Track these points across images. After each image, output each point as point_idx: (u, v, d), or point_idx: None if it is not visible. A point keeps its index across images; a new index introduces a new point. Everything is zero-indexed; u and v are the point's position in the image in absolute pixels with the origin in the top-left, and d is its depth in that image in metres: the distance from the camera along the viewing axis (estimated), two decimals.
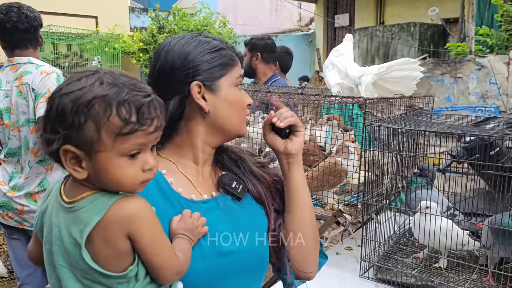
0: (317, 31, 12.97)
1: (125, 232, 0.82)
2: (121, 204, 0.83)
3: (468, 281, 1.66)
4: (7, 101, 2.43)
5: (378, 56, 9.14)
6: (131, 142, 0.82)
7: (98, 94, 0.80)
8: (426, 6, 9.33)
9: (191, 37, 1.11)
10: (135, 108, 0.81)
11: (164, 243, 0.88)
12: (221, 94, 1.10)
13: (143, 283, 0.87)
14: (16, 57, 2.46)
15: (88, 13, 10.47)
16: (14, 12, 2.43)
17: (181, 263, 0.90)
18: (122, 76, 0.85)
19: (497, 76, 5.12)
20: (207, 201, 1.10)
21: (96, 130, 0.80)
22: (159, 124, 0.86)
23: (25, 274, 2.68)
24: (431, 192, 1.90)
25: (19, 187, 2.46)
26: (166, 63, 1.07)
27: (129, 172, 0.83)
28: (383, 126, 1.69)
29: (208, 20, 11.03)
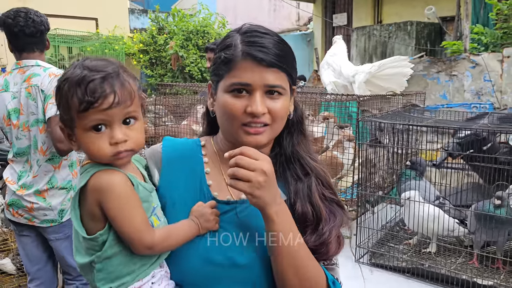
0: (315, 30, 13.06)
1: (96, 200, 0.92)
2: (97, 175, 0.93)
3: (455, 263, 1.78)
4: (15, 102, 2.52)
5: (376, 55, 9.22)
6: (90, 117, 0.91)
7: (67, 78, 0.92)
8: (423, 4, 9.40)
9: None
10: (86, 85, 0.90)
11: (133, 217, 0.93)
12: (218, 96, 1.06)
13: (112, 250, 0.95)
14: (24, 60, 2.55)
15: (88, 15, 10.57)
16: (21, 17, 2.53)
17: (153, 240, 0.95)
18: (95, 60, 0.95)
19: (491, 73, 5.22)
20: (229, 202, 1.08)
21: (67, 109, 0.92)
22: (117, 101, 0.91)
23: (35, 269, 2.77)
24: (421, 183, 2.02)
25: (28, 185, 2.55)
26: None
27: (97, 145, 0.92)
28: (374, 121, 1.81)
29: (207, 21, 11.10)
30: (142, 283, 0.98)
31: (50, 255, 2.79)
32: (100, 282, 0.96)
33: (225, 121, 1.05)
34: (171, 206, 1.08)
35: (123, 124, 0.95)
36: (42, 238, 2.70)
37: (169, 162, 1.12)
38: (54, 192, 2.55)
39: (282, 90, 1.04)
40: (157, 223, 1.01)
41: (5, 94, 2.53)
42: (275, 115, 1.03)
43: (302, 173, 1.10)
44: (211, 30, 10.89)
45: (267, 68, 1.01)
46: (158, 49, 10.78)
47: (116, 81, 0.92)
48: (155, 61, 10.86)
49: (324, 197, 1.09)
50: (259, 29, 1.05)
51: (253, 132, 1.01)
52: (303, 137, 1.15)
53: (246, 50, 1.01)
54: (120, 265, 0.96)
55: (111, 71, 0.93)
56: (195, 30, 10.65)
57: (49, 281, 2.83)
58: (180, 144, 1.17)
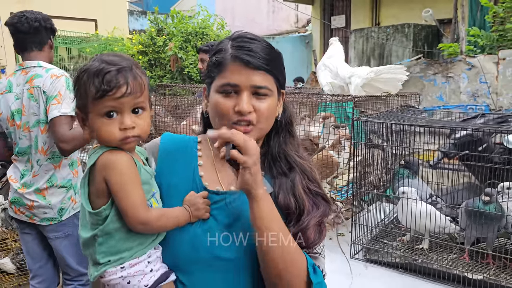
0: (314, 32, 13.13)
1: (102, 176, 1.03)
2: (105, 155, 1.05)
3: (447, 259, 1.83)
4: (18, 103, 2.56)
5: (374, 57, 9.29)
6: (103, 104, 1.03)
7: (87, 70, 1.04)
8: (420, 7, 9.48)
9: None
10: (103, 76, 1.01)
11: (131, 192, 1.03)
12: (211, 96, 1.15)
13: (114, 225, 1.05)
14: (26, 61, 2.60)
15: (88, 16, 10.63)
16: (17, 16, 2.61)
17: (147, 217, 1.04)
18: (111, 56, 1.07)
19: (487, 75, 5.29)
20: (218, 192, 1.15)
21: (84, 96, 1.04)
22: (129, 92, 1.03)
23: (37, 266, 2.82)
24: (414, 182, 2.07)
25: (29, 184, 2.59)
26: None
27: (107, 129, 1.04)
28: (369, 121, 1.86)
29: (206, 23, 11.14)
30: (138, 260, 1.07)
31: (50, 253, 2.84)
32: (100, 255, 1.06)
33: (216, 120, 1.12)
34: (166, 193, 1.17)
35: (132, 113, 1.06)
36: (43, 236, 2.75)
37: (165, 153, 1.21)
38: (53, 191, 2.60)
39: (269, 91, 1.12)
40: (155, 205, 1.11)
41: (8, 95, 2.58)
42: (260, 115, 1.10)
43: (287, 168, 1.17)
44: (210, 31, 10.92)
45: (254, 70, 1.09)
46: (157, 51, 10.80)
47: (129, 74, 1.04)
48: (154, 62, 10.88)
49: (309, 191, 1.16)
50: (248, 35, 1.14)
51: (242, 130, 1.07)
52: (291, 137, 1.22)
53: (235, 53, 1.10)
54: (120, 241, 1.06)
55: (126, 65, 1.05)
56: (194, 31, 10.68)
57: (51, 279, 2.88)
58: (178, 139, 1.26)
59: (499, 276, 1.79)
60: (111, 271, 1.06)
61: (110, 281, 1.07)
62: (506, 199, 1.80)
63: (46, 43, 2.66)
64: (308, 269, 1.10)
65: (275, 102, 1.15)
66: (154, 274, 1.08)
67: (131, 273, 1.06)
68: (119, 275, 1.06)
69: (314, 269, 1.11)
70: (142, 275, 1.07)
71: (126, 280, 1.06)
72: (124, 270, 1.06)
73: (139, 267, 1.07)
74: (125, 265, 1.06)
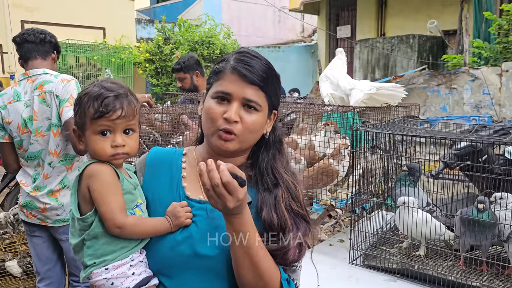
0: (319, 42, 13.23)
1: (86, 184, 1.17)
2: (90, 165, 1.19)
3: (442, 265, 1.88)
4: (29, 110, 2.64)
5: (378, 67, 9.35)
6: (99, 124, 1.18)
7: (87, 93, 1.19)
8: (426, 18, 9.53)
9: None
10: (102, 100, 1.17)
11: (109, 199, 1.15)
12: (206, 101, 1.22)
13: (98, 229, 1.16)
14: (30, 69, 2.70)
15: (96, 24, 10.78)
16: (25, 30, 2.81)
17: (123, 222, 1.15)
18: (110, 83, 1.22)
19: (490, 87, 5.32)
20: (201, 201, 1.22)
21: (83, 116, 1.19)
22: (123, 115, 1.18)
23: (45, 269, 2.88)
24: (413, 190, 2.13)
25: (41, 187, 2.67)
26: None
27: (100, 145, 1.19)
28: (367, 131, 1.93)
29: (212, 32, 11.26)
30: (121, 262, 1.18)
31: (59, 256, 2.91)
32: (87, 257, 1.17)
33: (206, 123, 1.20)
34: (152, 204, 1.26)
35: (124, 133, 1.21)
36: (53, 239, 2.82)
37: (152, 167, 1.30)
38: (66, 192, 2.68)
39: (258, 106, 1.18)
40: (139, 213, 1.21)
41: (18, 104, 2.65)
42: (245, 127, 1.16)
43: (272, 184, 1.21)
44: (216, 40, 11.04)
45: (248, 84, 1.16)
46: (164, 59, 10.93)
47: (124, 100, 1.20)
48: (160, 70, 11.01)
49: (291, 209, 1.20)
50: (251, 52, 1.21)
51: (224, 137, 1.15)
52: (280, 154, 1.28)
53: (235, 65, 1.18)
54: (105, 244, 1.17)
55: (122, 92, 1.21)
56: (200, 40, 10.80)
57: (58, 281, 2.94)
58: (164, 152, 1.35)
59: (493, 283, 1.83)
60: (96, 272, 1.16)
61: (95, 282, 1.17)
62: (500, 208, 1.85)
63: (50, 54, 2.79)
64: (282, 283, 1.15)
65: (263, 119, 1.21)
66: (136, 278, 1.17)
67: (114, 275, 1.16)
68: (103, 277, 1.16)
69: (288, 282, 1.17)
70: (124, 278, 1.17)
71: (109, 282, 1.17)
72: (108, 272, 1.16)
73: (121, 269, 1.17)
74: (109, 267, 1.16)
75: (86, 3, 10.63)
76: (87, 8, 10.60)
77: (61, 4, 10.24)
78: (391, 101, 2.50)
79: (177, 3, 16.27)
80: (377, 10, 11.45)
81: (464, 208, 2.25)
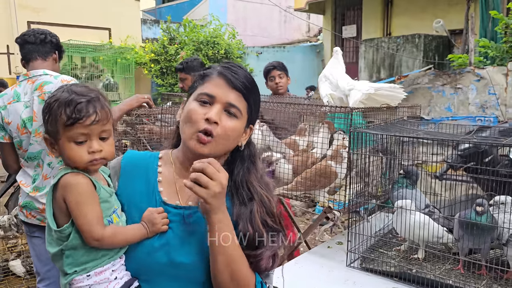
0: (325, 42, 13.19)
1: (62, 195, 1.13)
2: (65, 176, 1.15)
3: (441, 269, 1.86)
4: (29, 111, 2.65)
5: (384, 67, 9.30)
6: (73, 131, 1.13)
7: (57, 99, 1.14)
8: (432, 17, 9.46)
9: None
10: (74, 106, 1.12)
11: (86, 211, 1.12)
12: (187, 104, 1.23)
13: (76, 241, 1.13)
14: (31, 70, 2.71)
15: (102, 25, 10.82)
16: (27, 31, 2.83)
17: (102, 234, 1.12)
18: (80, 87, 1.18)
19: (495, 87, 5.27)
20: (177, 207, 1.22)
21: (55, 123, 1.14)
22: (97, 119, 1.14)
23: (45, 269, 2.88)
24: (412, 192, 2.10)
25: (41, 187, 2.68)
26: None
27: (76, 153, 1.15)
28: (365, 132, 1.90)
29: (217, 32, 11.28)
30: (103, 269, 1.16)
31: None
32: (67, 266, 1.15)
33: (185, 125, 1.20)
34: (127, 209, 1.25)
35: (99, 139, 1.17)
36: None
37: (126, 171, 1.29)
38: None
39: (239, 113, 1.21)
40: (116, 220, 1.19)
41: (17, 105, 2.66)
42: (223, 131, 1.18)
43: (247, 198, 1.22)
44: (221, 40, 11.06)
45: (232, 89, 1.20)
46: (169, 59, 10.96)
47: (97, 104, 1.16)
48: (165, 70, 11.04)
49: (266, 224, 1.21)
50: (237, 65, 1.27)
51: (201, 140, 1.16)
52: (254, 168, 1.29)
53: (221, 70, 1.22)
54: (85, 254, 1.15)
55: (94, 95, 1.17)
56: (205, 40, 10.83)
57: (58, 281, 2.94)
58: (139, 156, 1.34)
59: (491, 287, 1.81)
60: (78, 279, 1.14)
61: None
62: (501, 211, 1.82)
63: (50, 54, 2.80)
64: (256, 286, 1.17)
65: (240, 127, 1.23)
66: (118, 282, 1.16)
67: (97, 281, 1.15)
68: (85, 283, 1.15)
69: (261, 285, 1.19)
70: (107, 283, 1.15)
71: None
72: (90, 278, 1.15)
73: (104, 275, 1.15)
74: (90, 273, 1.15)
75: (92, 3, 10.67)
76: (93, 9, 10.65)
77: (67, 5, 10.28)
78: (391, 101, 2.48)
79: (182, 4, 16.30)
80: (383, 10, 11.39)
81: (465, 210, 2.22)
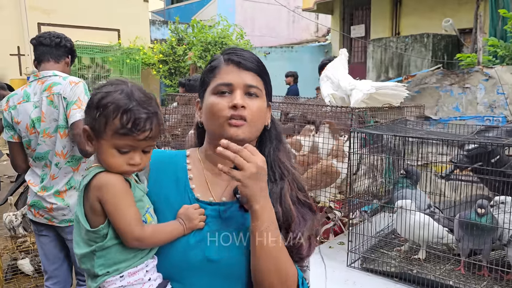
0: (333, 42, 13.16)
1: (96, 197, 1.08)
2: (99, 176, 1.10)
3: (442, 269, 1.85)
4: (38, 111, 2.69)
5: (392, 67, 9.24)
6: (122, 141, 1.08)
7: (114, 100, 1.08)
8: (441, 17, 9.39)
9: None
10: (134, 118, 1.07)
11: (125, 212, 1.08)
12: (205, 100, 1.21)
13: (112, 242, 1.09)
14: (42, 71, 2.75)
15: (111, 26, 10.93)
16: (43, 33, 2.88)
17: (142, 234, 1.09)
18: (140, 92, 1.11)
19: (504, 86, 5.21)
20: (212, 203, 1.19)
21: (104, 124, 1.08)
22: (150, 136, 1.10)
23: (53, 268, 2.93)
24: (413, 192, 2.10)
25: (48, 187, 2.72)
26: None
27: (116, 161, 1.10)
28: (366, 132, 1.90)
29: (225, 32, 11.31)
30: (137, 269, 1.12)
31: (66, 255, 2.96)
32: (99, 267, 1.10)
33: (211, 119, 1.17)
34: (159, 207, 1.21)
35: (142, 152, 1.13)
36: (60, 238, 2.86)
37: (155, 170, 1.25)
38: (72, 193, 2.72)
39: (259, 92, 1.19)
40: (149, 219, 1.15)
41: (27, 105, 2.70)
42: (252, 113, 1.16)
43: (278, 177, 1.20)
44: (229, 41, 11.09)
45: (245, 71, 1.17)
46: (177, 60, 11.03)
47: (154, 120, 1.11)
48: (174, 71, 11.10)
49: (297, 200, 1.20)
50: (239, 48, 1.24)
51: (234, 124, 1.14)
52: (282, 146, 1.27)
53: (227, 57, 1.19)
54: (117, 253, 1.10)
55: (153, 110, 1.11)
56: (213, 41, 10.86)
57: (65, 280, 2.99)
58: (167, 155, 1.32)
59: None
60: (110, 280, 1.10)
61: None
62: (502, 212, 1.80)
63: (63, 58, 2.84)
64: (298, 281, 1.14)
65: (264, 105, 1.21)
66: (152, 284, 1.12)
67: (131, 282, 1.11)
68: (118, 285, 1.10)
69: (302, 282, 1.16)
70: (141, 284, 1.11)
71: None
72: (123, 279, 1.10)
73: (138, 275, 1.11)
74: (124, 274, 1.10)
75: (102, 5, 10.78)
76: (102, 10, 10.76)
77: (77, 7, 10.41)
78: (393, 101, 2.47)
79: (191, 4, 16.36)
80: (392, 9, 11.34)
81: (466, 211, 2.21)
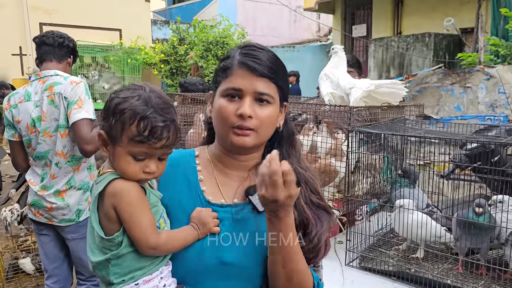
0: (334, 41, 13.14)
1: (111, 204, 1.06)
2: (114, 183, 1.07)
3: (440, 268, 1.85)
4: (38, 110, 2.69)
5: (393, 66, 9.22)
6: (138, 148, 1.06)
7: (131, 106, 1.06)
8: (443, 16, 9.37)
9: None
10: (150, 126, 1.05)
11: (140, 220, 1.06)
12: (215, 100, 1.17)
13: (127, 249, 1.07)
14: (43, 70, 2.76)
15: (113, 26, 10.95)
16: (46, 33, 2.87)
17: (157, 242, 1.08)
18: (157, 98, 1.08)
19: (505, 85, 5.19)
20: (223, 205, 1.18)
21: (120, 130, 1.06)
22: (167, 144, 1.07)
23: (53, 267, 2.94)
24: (412, 191, 2.09)
25: (48, 186, 2.73)
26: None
27: (131, 168, 1.08)
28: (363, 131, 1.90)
29: (227, 32, 11.32)
30: (152, 277, 1.11)
31: (67, 254, 2.96)
32: (114, 276, 1.09)
33: (219, 123, 1.14)
34: (170, 210, 1.19)
35: (158, 159, 1.11)
36: (60, 237, 2.87)
37: (166, 172, 1.20)
38: (72, 193, 2.73)
39: (271, 99, 1.14)
40: (163, 224, 1.14)
41: (28, 104, 2.71)
42: (261, 121, 1.12)
43: None
44: (230, 41, 11.09)
45: (258, 77, 1.12)
46: (178, 59, 11.04)
47: (172, 127, 1.08)
48: (175, 71, 11.11)
49: (311, 202, 1.17)
50: (256, 45, 1.18)
51: (240, 133, 1.11)
52: (293, 149, 1.24)
53: (242, 60, 1.13)
54: (133, 261, 1.09)
55: (170, 118, 1.09)
56: (215, 41, 10.88)
57: (65, 279, 3.00)
58: (175, 155, 1.25)
59: (490, 287, 1.79)
60: None
61: None
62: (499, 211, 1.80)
63: (65, 58, 2.85)
64: (314, 285, 1.13)
65: (276, 111, 1.17)
66: None
67: None
68: None
69: (318, 284, 1.14)
70: None
71: None
72: (138, 287, 1.09)
73: (153, 283, 1.10)
74: (139, 281, 1.09)
75: (103, 5, 10.81)
76: (104, 10, 10.78)
77: (79, 7, 10.43)
78: (392, 99, 2.47)
79: (192, 4, 16.38)
80: (393, 9, 11.32)
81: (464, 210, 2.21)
